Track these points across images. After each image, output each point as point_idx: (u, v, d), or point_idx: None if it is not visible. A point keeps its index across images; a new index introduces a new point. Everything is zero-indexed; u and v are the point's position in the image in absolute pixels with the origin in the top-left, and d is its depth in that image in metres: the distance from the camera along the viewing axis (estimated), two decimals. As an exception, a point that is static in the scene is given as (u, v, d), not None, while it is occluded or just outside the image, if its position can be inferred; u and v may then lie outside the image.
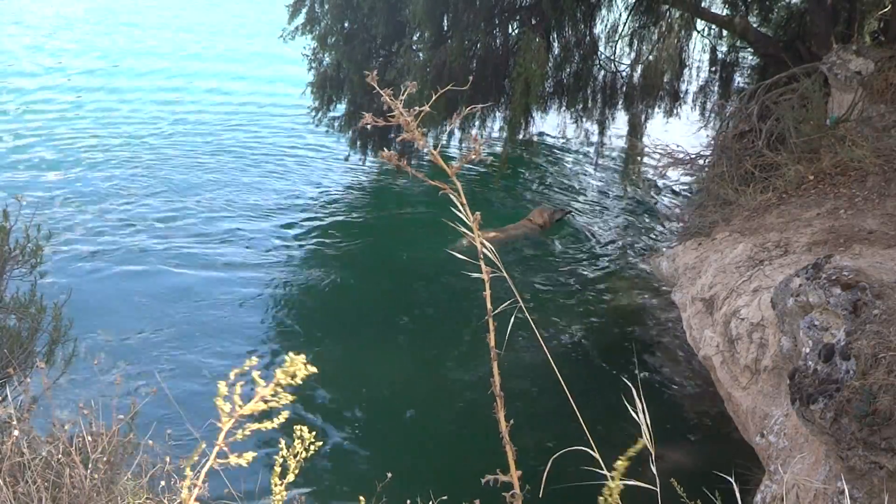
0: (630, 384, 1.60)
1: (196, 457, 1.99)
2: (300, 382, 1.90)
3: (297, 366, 1.86)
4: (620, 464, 1.33)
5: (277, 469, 1.93)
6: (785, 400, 3.50)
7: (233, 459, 1.93)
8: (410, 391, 6.20)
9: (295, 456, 1.95)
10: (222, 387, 1.83)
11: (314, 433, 1.97)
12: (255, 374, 1.88)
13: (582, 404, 1.69)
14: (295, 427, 1.96)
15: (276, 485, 1.95)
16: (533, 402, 5.84)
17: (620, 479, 1.51)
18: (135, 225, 8.59)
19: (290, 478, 1.95)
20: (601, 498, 1.35)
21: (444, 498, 2.35)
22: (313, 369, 1.91)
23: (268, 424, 1.94)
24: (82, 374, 5.38)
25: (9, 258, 4.20)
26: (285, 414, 1.96)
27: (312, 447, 1.96)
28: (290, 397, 1.95)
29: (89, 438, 2.50)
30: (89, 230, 8.32)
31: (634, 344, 6.67)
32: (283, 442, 1.96)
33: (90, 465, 2.43)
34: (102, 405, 2.76)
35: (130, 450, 2.67)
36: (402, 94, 1.40)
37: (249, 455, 1.95)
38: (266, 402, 1.90)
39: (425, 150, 1.45)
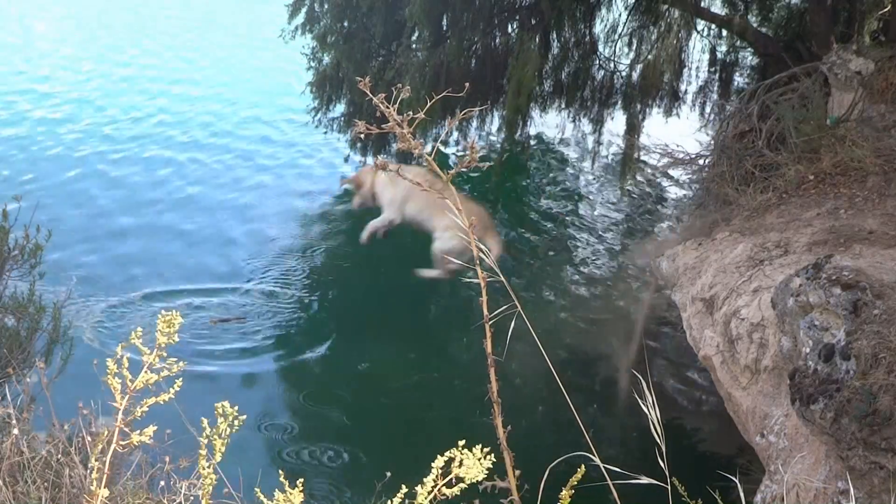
0: (640, 377, 1.59)
1: (101, 445, 1.96)
2: (177, 340, 1.87)
3: (174, 322, 1.84)
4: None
5: (203, 452, 1.91)
6: (785, 400, 3.50)
7: (135, 438, 1.92)
8: (411, 390, 6.20)
9: (220, 435, 1.93)
10: (111, 364, 1.80)
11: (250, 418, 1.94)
12: (138, 342, 1.86)
13: (580, 406, 1.69)
14: (216, 405, 1.94)
15: (203, 467, 1.93)
16: (532, 403, 5.83)
17: (631, 476, 1.51)
18: (135, 225, 8.58)
19: (218, 458, 1.93)
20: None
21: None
22: (180, 319, 1.88)
23: (164, 397, 1.92)
24: (81, 374, 5.37)
25: (8, 258, 4.19)
26: (179, 382, 1.93)
27: (237, 422, 1.94)
28: (181, 364, 1.93)
29: (89, 438, 2.49)
30: (89, 230, 8.32)
31: (633, 345, 6.66)
32: (206, 422, 1.93)
33: (90, 465, 2.42)
34: (102, 405, 2.75)
35: (130, 450, 2.66)
36: (395, 102, 1.39)
37: (150, 429, 1.93)
38: (158, 372, 1.89)
39: (426, 150, 1.45)
